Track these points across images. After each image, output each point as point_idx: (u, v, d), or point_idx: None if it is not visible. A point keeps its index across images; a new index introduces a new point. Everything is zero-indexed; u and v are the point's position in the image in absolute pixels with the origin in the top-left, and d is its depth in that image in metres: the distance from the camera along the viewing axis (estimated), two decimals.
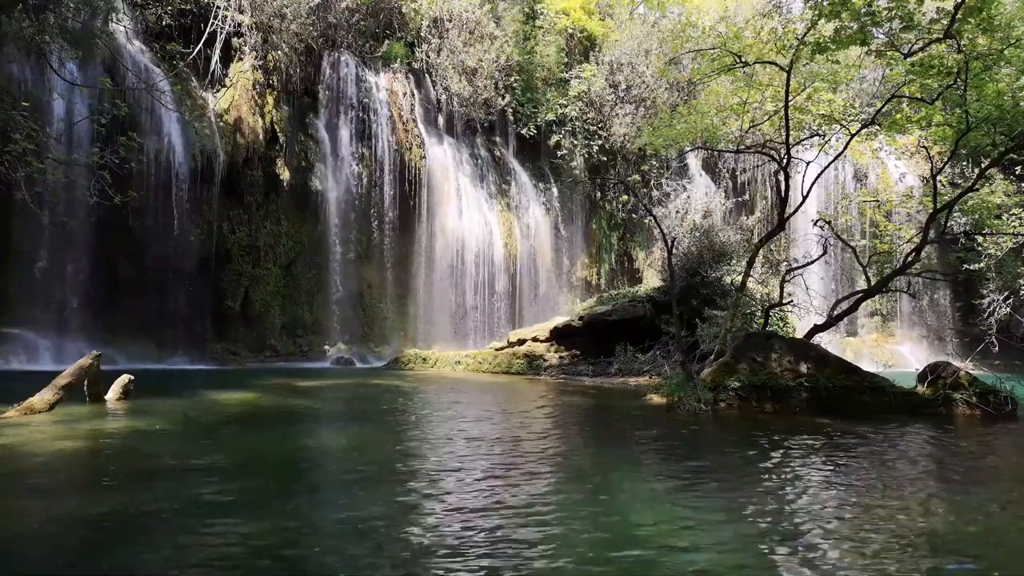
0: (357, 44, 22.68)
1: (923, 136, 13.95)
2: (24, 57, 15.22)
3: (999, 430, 8.04)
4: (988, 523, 4.13)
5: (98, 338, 15.17)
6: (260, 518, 3.89)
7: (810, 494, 4.72)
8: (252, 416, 8.31)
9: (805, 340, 11.05)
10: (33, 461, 5.27)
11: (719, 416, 8.70)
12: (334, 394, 11.42)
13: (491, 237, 23.43)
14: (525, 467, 5.44)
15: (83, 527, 3.71)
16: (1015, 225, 16.97)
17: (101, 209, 14.04)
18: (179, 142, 17.84)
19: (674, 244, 13.42)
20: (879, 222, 21.36)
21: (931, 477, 5.51)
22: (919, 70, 10.07)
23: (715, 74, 12.33)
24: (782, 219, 12.57)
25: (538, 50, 25.70)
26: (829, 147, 13.31)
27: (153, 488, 4.52)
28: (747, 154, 17.53)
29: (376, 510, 4.10)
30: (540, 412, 9.26)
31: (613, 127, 25.45)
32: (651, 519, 4.00)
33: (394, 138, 22.20)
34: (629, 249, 27.04)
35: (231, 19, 19.40)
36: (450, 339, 21.93)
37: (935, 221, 11.55)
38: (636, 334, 15.86)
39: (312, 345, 20.32)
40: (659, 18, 27.11)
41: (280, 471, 5.25)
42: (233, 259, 19.11)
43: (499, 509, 4.12)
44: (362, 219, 21.67)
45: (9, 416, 7.06)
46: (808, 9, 10.78)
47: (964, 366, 10.31)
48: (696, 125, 13.73)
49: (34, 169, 12.29)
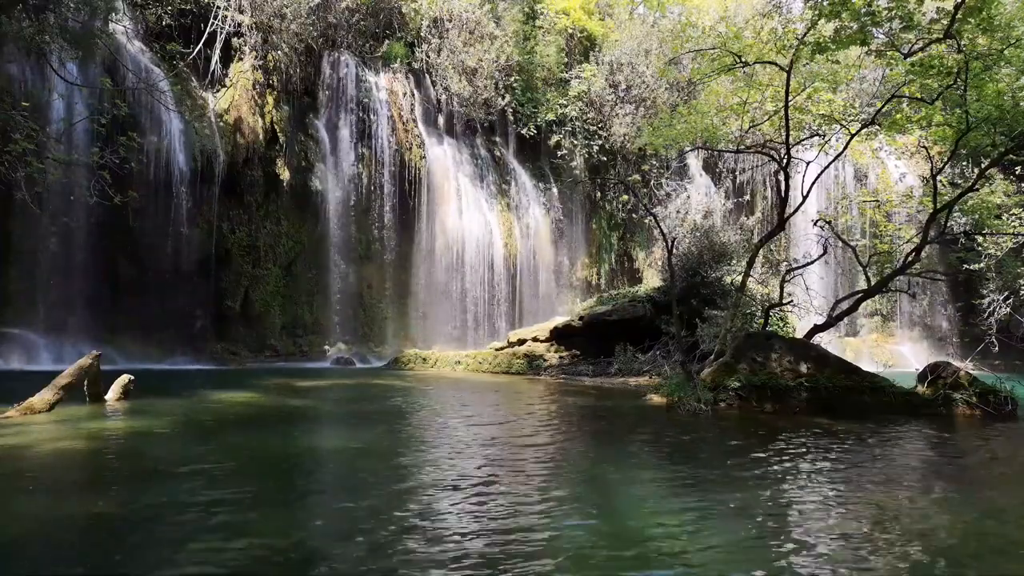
0: (357, 44, 22.68)
1: (923, 136, 13.95)
2: (24, 57, 15.22)
3: (999, 430, 8.04)
4: (988, 523, 4.13)
5: (98, 338, 15.16)
6: (260, 518, 3.89)
7: (811, 494, 4.72)
8: (252, 416, 8.30)
9: (805, 340, 11.05)
10: (33, 461, 5.27)
11: (719, 416, 8.70)
12: (334, 394, 11.42)
13: (491, 237, 23.43)
14: (525, 467, 5.44)
15: (83, 527, 3.71)
16: (1015, 225, 16.97)
17: (101, 209, 14.05)
18: (179, 142, 17.83)
19: (674, 244, 13.42)
20: (879, 222, 21.37)
21: (931, 477, 5.51)
22: (919, 70, 10.06)
23: (715, 74, 12.33)
24: (782, 219, 12.57)
25: (538, 50, 25.70)
26: (829, 147, 13.31)
27: (153, 488, 4.52)
28: (747, 154, 17.54)
29: (376, 510, 4.09)
30: (540, 412, 9.26)
31: (613, 127, 25.45)
32: (651, 519, 3.99)
33: (394, 138, 22.20)
34: (629, 249, 27.04)
35: (231, 19, 19.40)
36: (450, 339, 21.93)
37: (935, 221, 11.55)
38: (636, 334, 15.86)
39: (312, 345, 20.32)
40: (659, 18, 27.12)
41: (280, 471, 5.25)
42: (233, 259, 19.11)
43: (498, 509, 4.12)
44: (362, 219, 21.66)
45: (9, 416, 7.06)
46: (808, 9, 10.78)
47: (964, 366, 10.32)
48: (696, 125, 13.73)
49: (34, 169, 12.28)
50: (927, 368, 9.98)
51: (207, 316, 18.53)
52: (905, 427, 7.94)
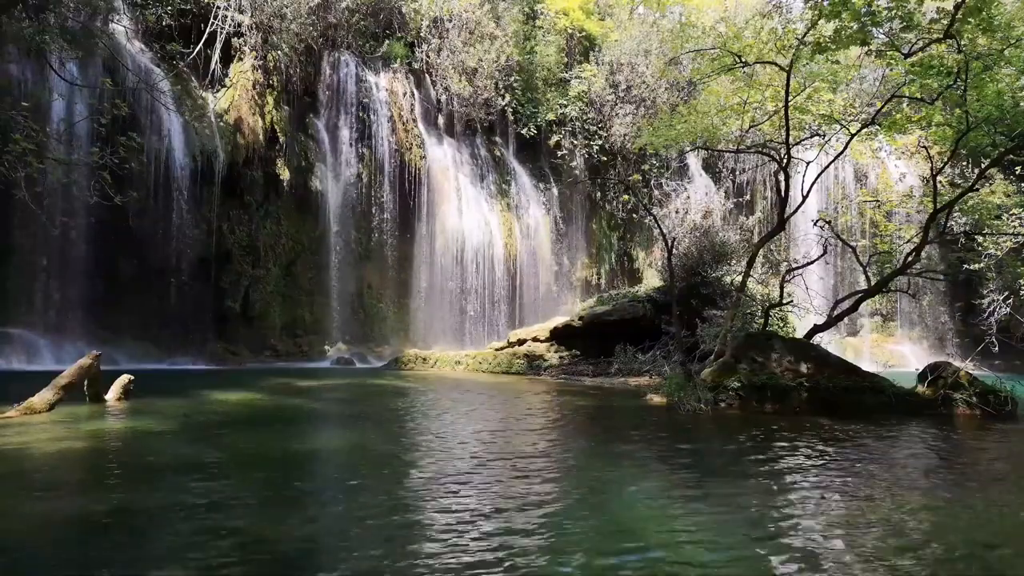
0: (357, 44, 22.68)
1: (923, 136, 13.96)
2: (24, 57, 15.22)
3: (999, 430, 8.04)
4: (988, 523, 4.13)
5: (98, 338, 15.17)
6: (260, 518, 3.89)
7: (811, 494, 4.72)
8: (252, 416, 8.31)
9: (805, 340, 11.06)
10: (33, 461, 5.27)
11: (719, 416, 8.70)
12: (334, 394, 11.41)
13: (491, 237, 23.43)
14: (524, 467, 5.44)
15: (84, 527, 3.71)
16: (1015, 225, 16.97)
17: (101, 209, 14.02)
18: (179, 142, 17.83)
19: (674, 244, 13.41)
20: (879, 222, 21.37)
21: (932, 477, 5.51)
22: (919, 70, 10.06)
23: (715, 74, 12.34)
24: (782, 219, 12.57)
25: (538, 50, 25.70)
26: (829, 147, 13.31)
27: (153, 488, 4.52)
28: (747, 154, 17.54)
29: (376, 510, 4.09)
30: (540, 412, 9.26)
31: (613, 127, 25.46)
32: (651, 520, 4.00)
33: (394, 138, 22.20)
34: (629, 249, 27.05)
35: (231, 19, 19.40)
36: (450, 339, 21.93)
37: (935, 221, 11.55)
38: (636, 334, 15.84)
39: (312, 345, 20.31)
40: (659, 18, 27.10)
41: (280, 471, 5.25)
42: (233, 259, 19.10)
43: (498, 509, 4.12)
44: (362, 219, 21.67)
45: (10, 416, 7.06)
46: (808, 9, 10.78)
47: (964, 366, 10.30)
48: (696, 125, 13.72)
49: (34, 169, 12.25)
50: (927, 368, 9.97)
51: (207, 316, 18.52)
52: (905, 427, 7.94)
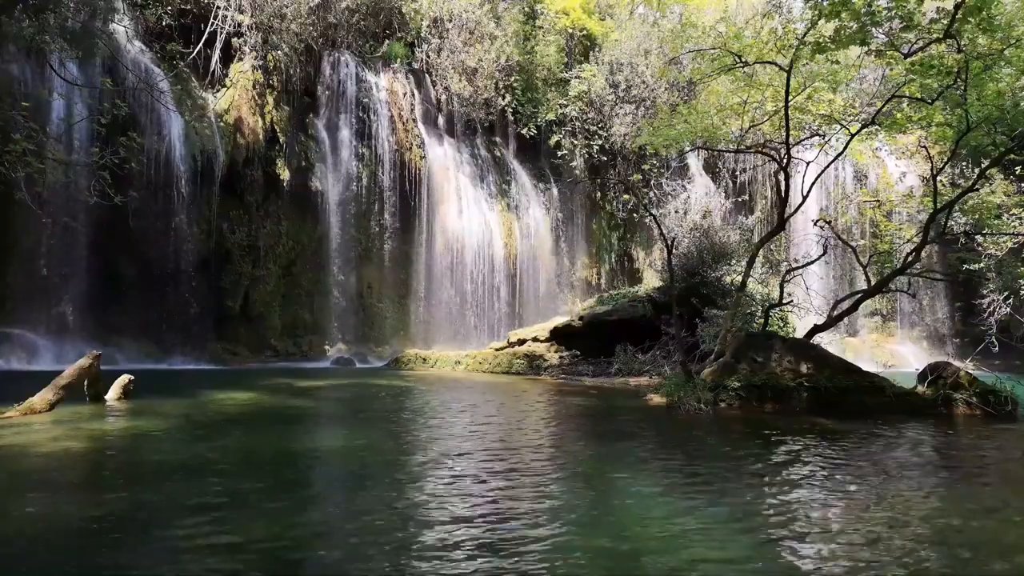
0: (357, 44, 22.67)
1: (923, 136, 13.96)
2: (24, 57, 15.22)
3: (999, 430, 8.04)
4: (989, 523, 4.13)
5: (98, 338, 15.16)
6: (260, 518, 3.89)
7: (812, 494, 4.72)
8: (252, 416, 8.30)
9: (805, 340, 11.05)
10: (33, 461, 5.27)
11: (719, 416, 8.70)
12: (334, 395, 11.42)
13: (491, 237, 23.42)
14: (524, 467, 5.44)
15: (83, 527, 3.71)
16: (1015, 225, 16.95)
17: (101, 209, 14.02)
18: (179, 142, 17.82)
19: (674, 244, 13.41)
20: (879, 222, 21.36)
21: (932, 477, 5.51)
22: (919, 70, 10.06)
23: (715, 74, 12.34)
24: (782, 219, 12.58)
25: (538, 50, 25.68)
26: (829, 147, 13.31)
27: (153, 488, 4.53)
28: (747, 154, 17.55)
29: (375, 510, 4.09)
30: (540, 412, 9.26)
31: (613, 127, 25.43)
32: (652, 520, 4.00)
33: (394, 138, 22.20)
34: (629, 249, 27.03)
35: (231, 19, 19.39)
36: (450, 339, 21.92)
37: (935, 221, 11.54)
38: (636, 334, 15.84)
39: (312, 345, 20.31)
40: (659, 18, 27.09)
41: (280, 472, 5.25)
42: (233, 259, 19.10)
43: (498, 509, 4.12)
44: (362, 219, 21.66)
45: (10, 416, 7.06)
46: (808, 9, 10.78)
47: (964, 366, 10.31)
48: (696, 125, 13.73)
49: (34, 169, 12.27)
50: (927, 368, 9.98)
51: (207, 316, 18.52)
52: (905, 427, 7.93)
